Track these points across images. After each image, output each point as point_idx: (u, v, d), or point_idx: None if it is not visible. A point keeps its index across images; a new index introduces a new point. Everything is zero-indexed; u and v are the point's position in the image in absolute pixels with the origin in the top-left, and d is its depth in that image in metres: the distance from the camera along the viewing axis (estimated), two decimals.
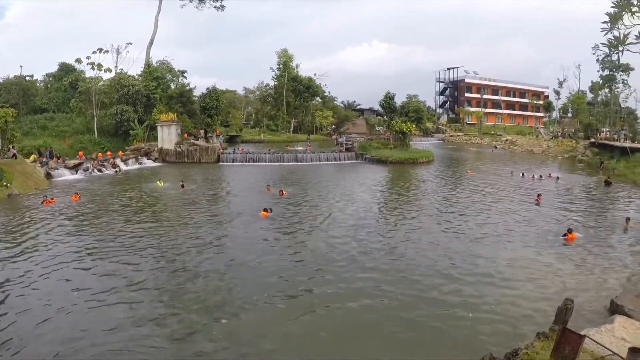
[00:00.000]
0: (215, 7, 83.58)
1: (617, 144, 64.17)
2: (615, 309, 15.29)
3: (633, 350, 5.71)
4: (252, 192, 34.91)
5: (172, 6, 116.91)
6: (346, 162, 59.00)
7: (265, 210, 27.11)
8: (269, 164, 54.86)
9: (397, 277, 17.99)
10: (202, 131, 64.56)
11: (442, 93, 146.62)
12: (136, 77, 71.26)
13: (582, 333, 11.30)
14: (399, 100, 70.50)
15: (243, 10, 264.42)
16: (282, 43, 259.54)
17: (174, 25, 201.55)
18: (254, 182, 39.26)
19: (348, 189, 37.70)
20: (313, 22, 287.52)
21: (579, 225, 27.70)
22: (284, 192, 33.48)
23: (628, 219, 28.18)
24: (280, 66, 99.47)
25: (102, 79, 68.61)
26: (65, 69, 73.18)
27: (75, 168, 44.65)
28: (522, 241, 23.90)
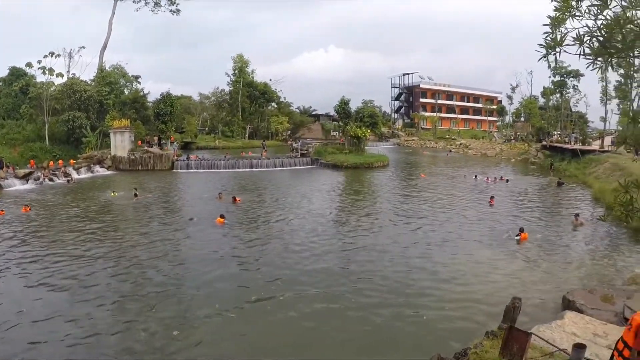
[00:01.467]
0: (170, 10, 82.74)
1: (568, 146, 65.93)
2: (567, 305, 15.54)
3: (577, 347, 5.74)
4: (207, 199, 34.43)
5: (127, 9, 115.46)
6: (301, 167, 58.87)
7: (221, 216, 26.89)
8: (224, 170, 54.27)
9: (352, 281, 18.06)
10: (155, 138, 63.23)
11: (397, 98, 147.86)
12: (89, 82, 69.91)
13: (534, 329, 11.45)
14: (355, 105, 70.93)
15: (199, 15, 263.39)
16: (238, 48, 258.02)
17: (129, 29, 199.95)
18: (209, 189, 38.73)
19: (303, 195, 37.56)
20: (269, 28, 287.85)
21: (531, 224, 28.24)
22: (238, 199, 33.06)
23: (577, 215, 28.96)
24: (236, 71, 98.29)
25: (53, 84, 67.29)
26: (16, 74, 70.52)
27: (25, 177, 43.15)
28: (476, 242, 24.22)
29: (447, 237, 25.17)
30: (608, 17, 4.22)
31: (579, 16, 4.54)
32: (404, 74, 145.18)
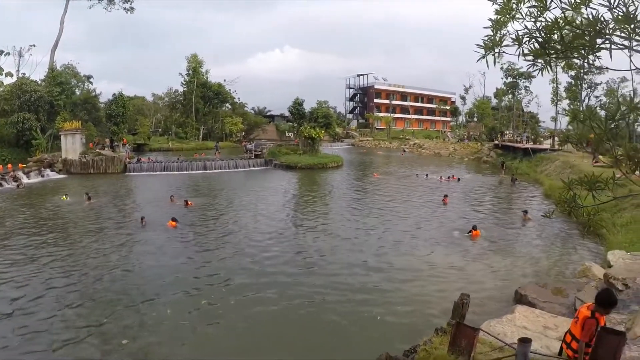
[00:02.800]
0: (124, 8, 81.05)
1: (520, 145, 67.07)
2: (519, 299, 15.85)
3: (522, 341, 5.86)
4: (160, 202, 33.78)
5: (79, 7, 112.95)
6: (255, 168, 58.58)
7: (173, 219, 26.44)
8: (177, 172, 53.61)
9: (306, 282, 18.03)
10: (107, 140, 62.00)
11: (352, 99, 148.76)
12: (39, 82, 68.14)
13: (484, 324, 11.61)
14: (309, 106, 70.94)
15: (154, 14, 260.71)
16: (193, 48, 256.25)
17: (82, 28, 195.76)
18: (162, 192, 38.01)
19: (257, 197, 37.33)
20: (224, 28, 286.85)
21: (483, 221, 28.66)
22: (190, 203, 32.59)
23: (525, 212, 29.66)
24: (190, 72, 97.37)
25: (2, 84, 65.87)
26: None
27: None
28: (429, 241, 24.46)
29: (400, 236, 25.36)
30: (547, 19, 4.34)
31: (520, 18, 4.65)
32: (358, 75, 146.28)
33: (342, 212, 31.60)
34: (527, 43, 4.59)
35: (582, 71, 77.66)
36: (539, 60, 4.56)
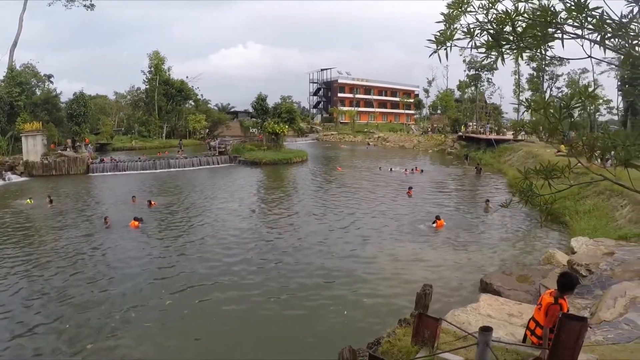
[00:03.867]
0: (84, 5, 79.59)
1: (483, 136, 67.87)
2: (485, 287, 16.07)
3: (483, 330, 5.92)
4: (124, 203, 33.27)
5: (39, 4, 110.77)
6: (220, 165, 58.28)
7: (135, 219, 26.06)
8: (141, 172, 52.86)
9: (269, 279, 18.02)
10: (69, 140, 61.07)
11: (315, 93, 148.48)
12: None
13: (449, 314, 11.72)
14: (274, 101, 70.76)
15: (115, 11, 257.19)
16: (155, 45, 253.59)
17: (41, 26, 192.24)
18: (126, 192, 37.37)
19: (221, 194, 37.26)
20: (187, 24, 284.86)
21: (448, 212, 28.98)
22: (154, 202, 32.15)
23: (487, 201, 30.10)
24: (152, 69, 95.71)
25: None
26: None
27: None
28: (395, 232, 24.67)
29: (365, 230, 25.49)
30: (499, 11, 4.38)
31: (472, 11, 4.68)
32: (322, 70, 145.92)
33: (306, 208, 31.70)
34: (479, 36, 4.62)
35: (543, 63, 78.86)
36: (493, 52, 4.59)
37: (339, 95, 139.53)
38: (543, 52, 4.56)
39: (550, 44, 4.40)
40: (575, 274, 8.18)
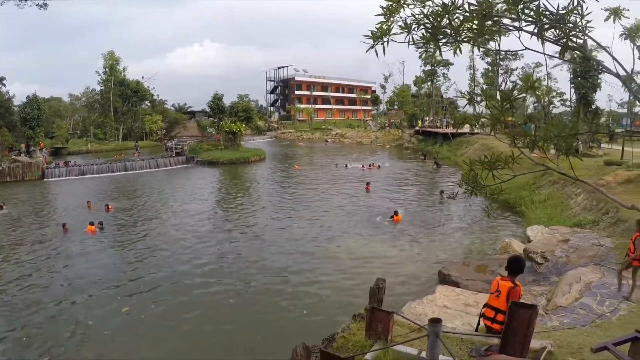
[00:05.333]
0: (37, 5, 77.90)
1: (440, 130, 68.54)
2: (443, 279, 16.28)
3: (432, 321, 5.97)
4: (81, 208, 32.32)
5: None
6: (177, 166, 57.54)
7: (91, 224, 25.51)
8: (97, 175, 51.73)
9: (227, 280, 17.94)
10: (23, 145, 59.64)
11: (273, 91, 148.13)
12: None
13: (405, 306, 11.81)
14: (231, 100, 70.42)
15: (68, 10, 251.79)
16: (110, 44, 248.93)
17: None
18: (83, 197, 36.33)
19: (178, 195, 36.86)
20: (142, 22, 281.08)
21: (406, 205, 29.27)
22: (111, 207, 31.34)
23: (442, 192, 30.55)
24: (107, 69, 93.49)
25: None
26: None
27: None
28: (353, 229, 24.80)
29: (324, 226, 25.60)
30: (436, 4, 4.42)
31: (411, 4, 4.71)
32: (278, 67, 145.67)
33: (264, 207, 31.63)
34: (416, 30, 4.66)
35: (498, 57, 79.85)
36: (431, 46, 4.63)
37: (296, 92, 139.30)
38: (481, 45, 4.61)
39: (487, 36, 4.46)
40: (522, 257, 8.36)
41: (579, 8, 4.48)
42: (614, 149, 39.59)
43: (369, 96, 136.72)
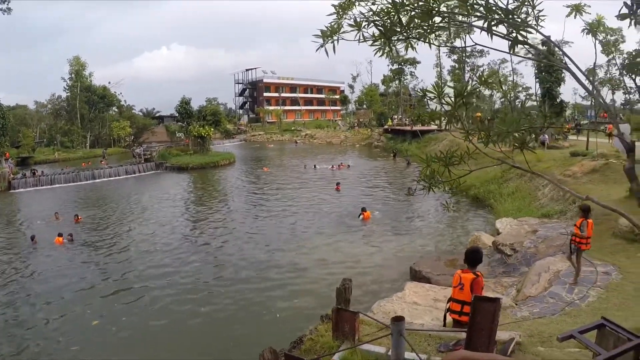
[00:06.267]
0: (0, 9, 76.53)
1: (408, 128, 68.89)
2: (414, 275, 16.37)
3: (395, 320, 5.99)
4: (47, 219, 31.50)
5: None
6: (146, 173, 56.87)
7: (59, 235, 24.95)
8: (65, 185, 50.72)
9: (197, 287, 17.90)
10: None
11: (241, 94, 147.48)
12: None
13: (375, 305, 11.83)
14: (200, 104, 70.06)
15: (33, 15, 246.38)
16: (76, 50, 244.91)
17: None
18: (51, 208, 35.57)
19: (148, 203, 36.47)
20: (108, 26, 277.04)
21: (377, 203, 29.39)
22: (80, 217, 30.61)
23: (409, 189, 30.77)
24: (73, 75, 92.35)
25: None
26: None
27: None
28: (323, 229, 24.89)
29: (294, 227, 25.67)
30: (387, 1, 4.42)
31: (364, 2, 4.71)
32: (247, 70, 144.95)
33: (234, 211, 31.59)
34: (366, 27, 4.66)
35: (464, 55, 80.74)
36: (384, 44, 4.64)
37: (265, 94, 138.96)
38: (432, 41, 4.63)
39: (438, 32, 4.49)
40: (479, 248, 8.47)
41: (531, 2, 4.53)
42: (581, 140, 40.19)
43: (337, 96, 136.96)
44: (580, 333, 5.85)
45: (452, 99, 4.86)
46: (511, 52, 4.40)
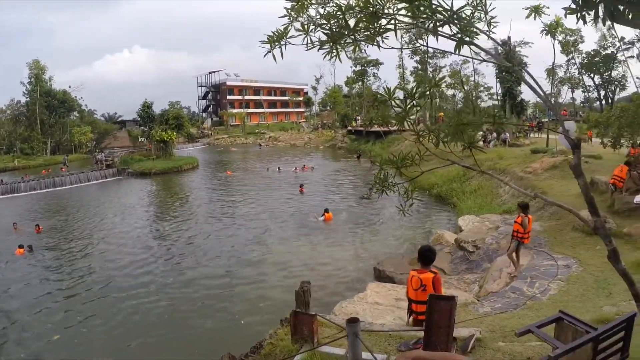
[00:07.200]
0: None
1: (372, 129, 69.44)
2: (378, 275, 16.46)
3: (350, 321, 6.01)
4: (4, 231, 30.30)
5: None
6: (108, 179, 55.96)
7: (20, 247, 24.34)
8: (25, 193, 49.41)
9: (160, 295, 17.72)
10: None
11: (204, 97, 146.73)
12: None
13: (337, 306, 11.86)
14: (163, 107, 69.46)
15: None
16: (35, 53, 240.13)
17: None
18: (11, 218, 34.43)
19: (110, 211, 35.70)
20: (68, 29, 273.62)
21: (339, 204, 29.51)
22: (41, 228, 29.66)
23: (370, 189, 30.89)
24: (32, 79, 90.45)
25: None
26: None
27: None
28: (288, 232, 24.99)
29: (257, 231, 25.62)
30: (335, 5, 4.45)
31: (314, 5, 4.73)
32: (210, 72, 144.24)
33: (197, 216, 31.48)
34: (314, 32, 4.68)
35: (426, 56, 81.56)
36: (332, 47, 4.66)
37: (228, 97, 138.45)
38: (379, 43, 4.65)
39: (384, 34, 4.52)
40: (432, 246, 8.58)
41: (483, 8, 4.61)
42: (541, 138, 40.91)
43: (301, 98, 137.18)
44: (538, 327, 5.90)
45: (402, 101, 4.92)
46: (457, 53, 4.44)
